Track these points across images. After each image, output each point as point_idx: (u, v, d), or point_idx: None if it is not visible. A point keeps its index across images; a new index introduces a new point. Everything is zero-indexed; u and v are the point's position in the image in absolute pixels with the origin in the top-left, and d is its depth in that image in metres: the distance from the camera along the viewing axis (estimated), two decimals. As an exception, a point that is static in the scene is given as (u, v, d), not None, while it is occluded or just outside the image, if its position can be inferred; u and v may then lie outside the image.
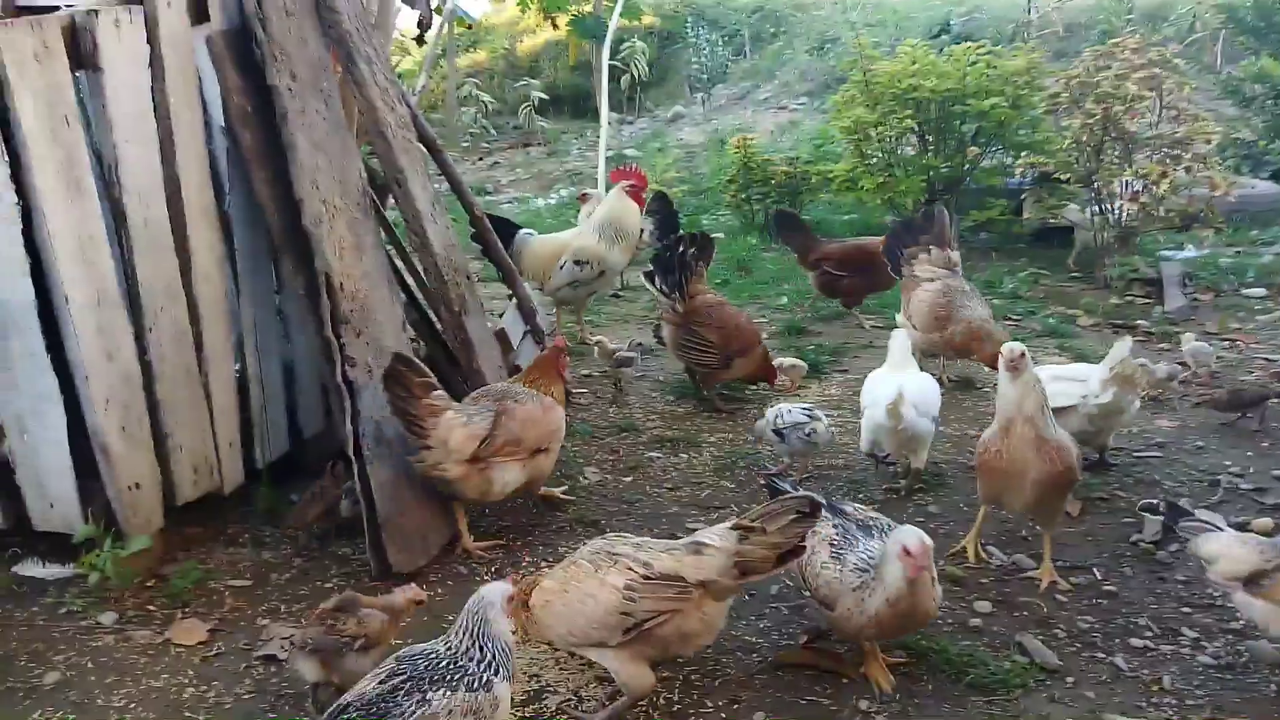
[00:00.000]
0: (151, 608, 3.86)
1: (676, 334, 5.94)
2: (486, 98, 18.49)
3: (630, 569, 3.06)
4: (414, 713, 2.50)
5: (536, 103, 18.14)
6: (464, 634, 2.71)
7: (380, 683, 2.58)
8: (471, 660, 2.66)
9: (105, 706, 3.31)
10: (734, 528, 3.07)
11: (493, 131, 18.62)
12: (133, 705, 3.32)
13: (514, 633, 3.31)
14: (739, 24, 19.89)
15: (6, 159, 3.45)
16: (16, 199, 3.49)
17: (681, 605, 3.01)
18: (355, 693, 2.59)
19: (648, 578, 3.02)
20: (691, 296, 5.87)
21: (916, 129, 9.60)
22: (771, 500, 3.20)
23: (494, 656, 2.68)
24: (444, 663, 2.64)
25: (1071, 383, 4.74)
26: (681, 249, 5.97)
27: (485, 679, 2.63)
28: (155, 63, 3.90)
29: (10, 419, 3.82)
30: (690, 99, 18.89)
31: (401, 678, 2.58)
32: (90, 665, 3.52)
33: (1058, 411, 4.19)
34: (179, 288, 4.03)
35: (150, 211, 3.89)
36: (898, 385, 4.57)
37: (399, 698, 2.52)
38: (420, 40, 7.83)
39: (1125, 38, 8.92)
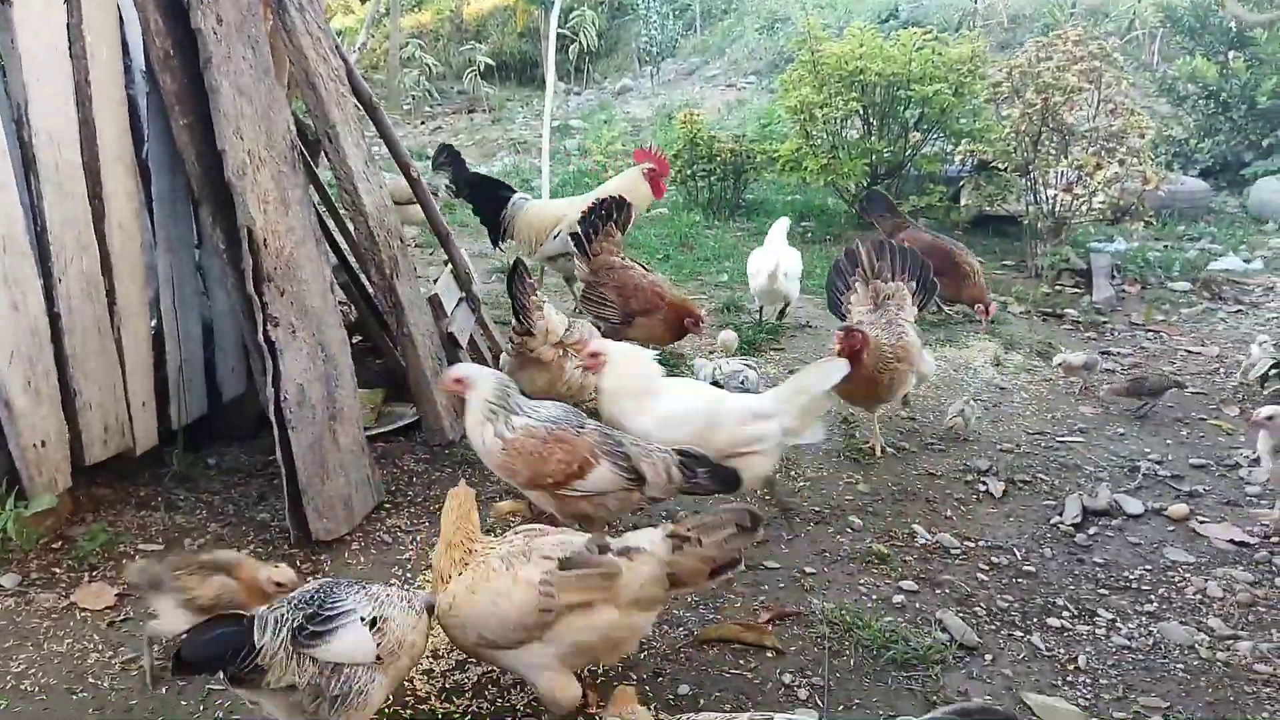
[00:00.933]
0: (56, 570, 3.69)
1: (584, 290, 6.11)
2: (430, 60, 18.06)
3: (546, 558, 2.83)
4: (358, 591, 2.75)
5: (482, 68, 17.79)
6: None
7: (316, 583, 2.82)
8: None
9: (3, 671, 3.15)
10: (669, 535, 2.91)
11: (435, 95, 18.22)
12: (33, 670, 3.17)
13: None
14: (690, -1, 19.78)
15: (-98, 91, 3.23)
16: (-88, 135, 3.27)
17: (605, 591, 2.79)
18: (296, 593, 2.79)
19: (566, 568, 2.80)
20: (595, 255, 5.99)
21: (861, 112, 9.64)
22: (710, 511, 3.02)
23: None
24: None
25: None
26: (595, 211, 6.07)
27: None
28: (71, -3, 3.68)
29: (-96, 369, 3.60)
30: (639, 72, 18.72)
31: (335, 580, 2.87)
32: (-12, 629, 3.36)
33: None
34: (91, 237, 3.81)
35: (62, 155, 3.67)
36: (775, 257, 6.62)
37: (338, 589, 2.76)
38: (363, -4, 7.61)
39: (1067, 30, 9.05)
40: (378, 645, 2.67)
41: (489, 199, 7.32)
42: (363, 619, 2.67)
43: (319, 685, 2.60)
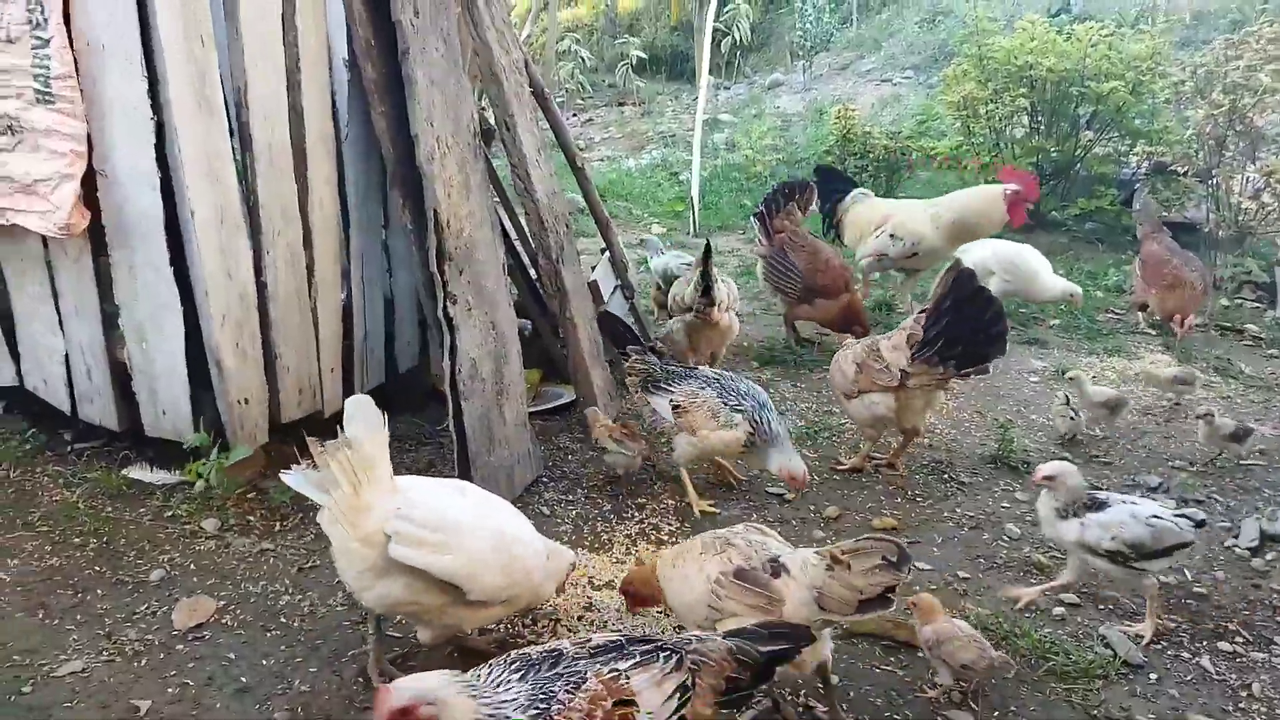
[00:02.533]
0: (251, 518, 4.03)
1: (764, 265, 6.38)
2: (585, 54, 18.48)
3: (729, 560, 2.89)
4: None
5: (634, 61, 18.05)
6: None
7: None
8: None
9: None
10: (823, 555, 2.82)
11: (588, 88, 18.60)
12: (232, 607, 3.48)
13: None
14: (847, -9, 19.46)
15: (146, 75, 3.58)
16: (152, 114, 3.62)
17: (765, 612, 2.79)
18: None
19: (738, 577, 2.85)
20: (778, 231, 6.26)
21: (1029, 109, 9.30)
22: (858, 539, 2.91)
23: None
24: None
25: None
26: (775, 190, 6.41)
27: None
28: (287, -10, 3.98)
29: (131, 327, 3.99)
30: (791, 66, 18.57)
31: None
32: (193, 567, 3.70)
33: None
34: (295, 212, 4.13)
35: (274, 135, 3.99)
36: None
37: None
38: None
39: (1261, 27, 8.46)
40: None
41: (825, 192, 7.28)
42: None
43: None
